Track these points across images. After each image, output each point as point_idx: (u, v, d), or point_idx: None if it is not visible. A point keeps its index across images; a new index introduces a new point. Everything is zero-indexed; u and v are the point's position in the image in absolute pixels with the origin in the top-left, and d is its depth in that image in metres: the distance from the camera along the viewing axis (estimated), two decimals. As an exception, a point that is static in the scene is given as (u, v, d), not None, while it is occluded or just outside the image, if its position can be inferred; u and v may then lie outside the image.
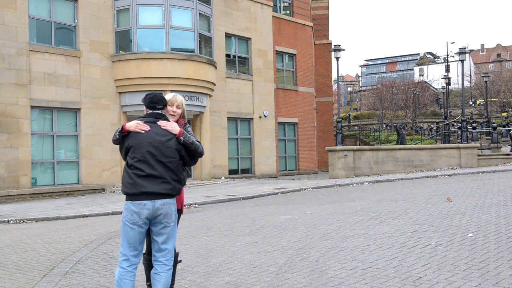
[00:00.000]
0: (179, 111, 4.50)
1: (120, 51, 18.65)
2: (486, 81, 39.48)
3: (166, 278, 4.02)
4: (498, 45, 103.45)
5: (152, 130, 4.01)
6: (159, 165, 3.94)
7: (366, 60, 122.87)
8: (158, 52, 18.43)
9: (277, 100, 25.23)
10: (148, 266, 4.45)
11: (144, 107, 4.23)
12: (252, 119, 23.60)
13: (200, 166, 19.81)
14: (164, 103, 4.16)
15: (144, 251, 4.36)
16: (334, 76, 39.77)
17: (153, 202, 3.90)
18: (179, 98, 4.59)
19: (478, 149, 20.91)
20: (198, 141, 4.32)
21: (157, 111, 4.13)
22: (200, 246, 6.99)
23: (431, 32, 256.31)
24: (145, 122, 4.05)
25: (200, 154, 4.24)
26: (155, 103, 4.12)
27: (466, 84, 53.43)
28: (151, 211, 3.90)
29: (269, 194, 14.55)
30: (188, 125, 4.54)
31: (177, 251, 4.60)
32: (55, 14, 17.22)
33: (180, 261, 4.80)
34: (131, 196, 3.91)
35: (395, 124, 34.59)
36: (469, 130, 25.69)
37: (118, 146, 4.21)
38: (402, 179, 16.62)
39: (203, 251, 6.63)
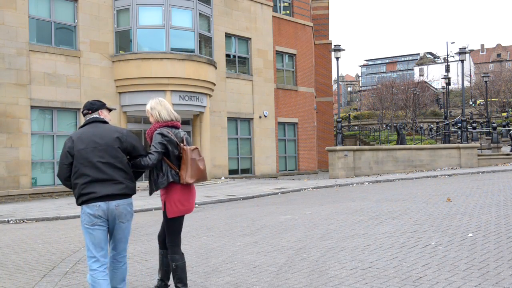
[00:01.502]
0: (151, 118, 4.55)
1: (120, 51, 18.66)
2: (486, 81, 39.50)
3: (123, 272, 4.21)
4: (498, 45, 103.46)
5: (92, 134, 4.04)
6: (107, 167, 3.96)
7: (366, 60, 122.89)
8: (158, 52, 18.43)
9: (277, 100, 25.23)
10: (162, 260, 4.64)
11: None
12: (252, 119, 23.60)
13: (200, 166, 19.78)
14: (89, 107, 4.24)
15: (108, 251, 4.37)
16: (334, 76, 39.75)
17: (107, 204, 3.93)
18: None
19: (478, 149, 20.91)
20: (155, 149, 4.24)
21: (93, 117, 4.19)
22: (200, 246, 6.99)
23: (431, 32, 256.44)
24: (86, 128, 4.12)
25: (144, 167, 4.20)
26: (83, 111, 4.26)
27: (466, 84, 53.42)
28: (106, 211, 3.93)
29: (269, 194, 14.55)
30: (158, 130, 4.43)
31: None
32: (55, 14, 17.21)
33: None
34: (85, 201, 3.93)
35: (395, 124, 34.59)
36: (469, 130, 25.68)
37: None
38: (402, 179, 16.63)
39: (203, 251, 6.63)
